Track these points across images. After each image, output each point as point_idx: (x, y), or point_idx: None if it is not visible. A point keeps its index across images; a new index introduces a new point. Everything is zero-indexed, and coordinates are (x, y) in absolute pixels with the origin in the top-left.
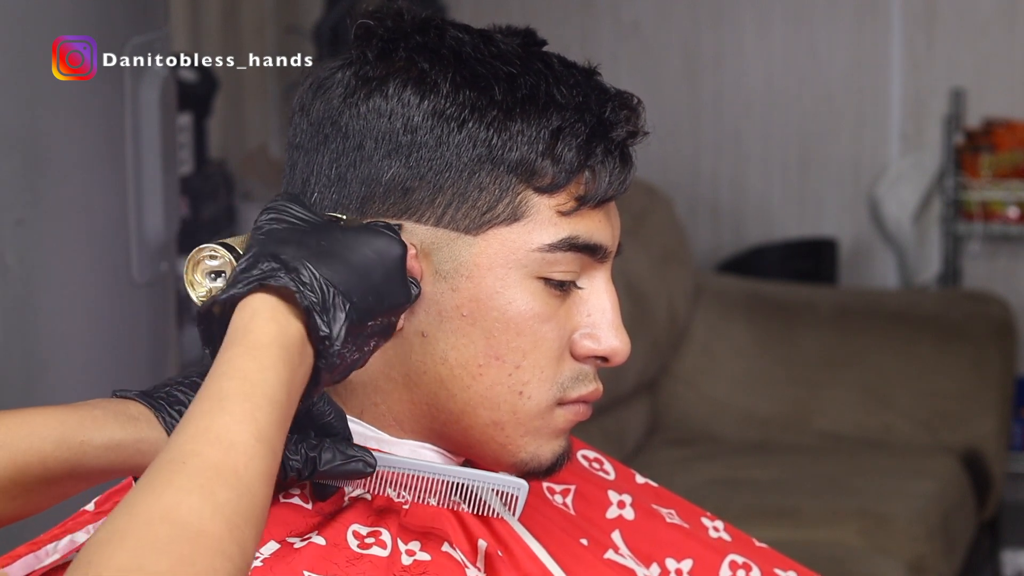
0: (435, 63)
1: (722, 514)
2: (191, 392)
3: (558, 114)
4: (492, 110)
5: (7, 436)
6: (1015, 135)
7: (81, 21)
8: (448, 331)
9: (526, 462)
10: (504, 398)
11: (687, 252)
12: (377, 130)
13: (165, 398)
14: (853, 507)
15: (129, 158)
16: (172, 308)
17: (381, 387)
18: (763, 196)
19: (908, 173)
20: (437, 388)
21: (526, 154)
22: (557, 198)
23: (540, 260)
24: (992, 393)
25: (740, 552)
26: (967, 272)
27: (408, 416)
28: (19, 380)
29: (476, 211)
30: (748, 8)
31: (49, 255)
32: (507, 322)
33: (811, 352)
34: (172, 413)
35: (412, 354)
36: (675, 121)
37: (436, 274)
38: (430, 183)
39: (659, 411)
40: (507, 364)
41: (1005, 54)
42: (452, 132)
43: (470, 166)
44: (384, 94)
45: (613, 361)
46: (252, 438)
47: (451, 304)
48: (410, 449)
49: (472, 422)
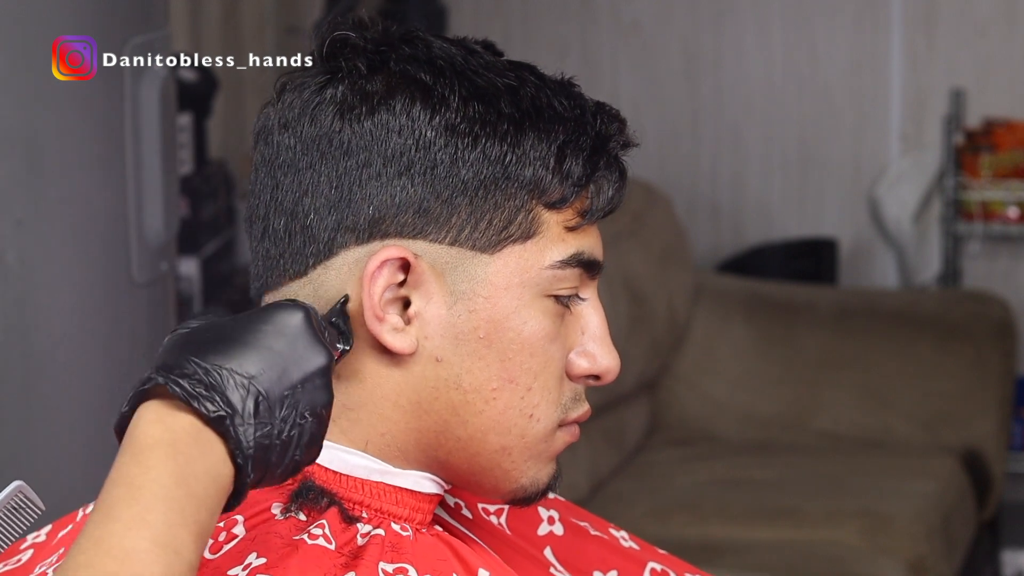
0: (436, 75)
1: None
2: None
3: (563, 127)
4: (502, 124)
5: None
6: (1015, 135)
7: (81, 21)
8: (464, 354)
9: (526, 488)
10: (515, 422)
11: (687, 252)
12: (386, 147)
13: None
14: (853, 507)
15: (129, 158)
16: (172, 308)
17: (388, 416)
18: (763, 196)
19: (908, 173)
20: (448, 415)
21: (538, 169)
22: (564, 214)
23: (551, 277)
24: (992, 393)
25: (656, 560)
26: (967, 272)
27: (414, 446)
28: (19, 380)
29: (492, 229)
30: (748, 8)
31: (49, 255)
32: (522, 343)
33: (811, 352)
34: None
35: (424, 380)
36: (675, 120)
37: (451, 295)
38: (446, 201)
39: (659, 411)
40: (519, 387)
41: (1005, 54)
42: (467, 148)
43: (486, 183)
44: (391, 109)
45: (605, 380)
46: (148, 543)
47: (468, 326)
48: (414, 480)
49: (480, 449)
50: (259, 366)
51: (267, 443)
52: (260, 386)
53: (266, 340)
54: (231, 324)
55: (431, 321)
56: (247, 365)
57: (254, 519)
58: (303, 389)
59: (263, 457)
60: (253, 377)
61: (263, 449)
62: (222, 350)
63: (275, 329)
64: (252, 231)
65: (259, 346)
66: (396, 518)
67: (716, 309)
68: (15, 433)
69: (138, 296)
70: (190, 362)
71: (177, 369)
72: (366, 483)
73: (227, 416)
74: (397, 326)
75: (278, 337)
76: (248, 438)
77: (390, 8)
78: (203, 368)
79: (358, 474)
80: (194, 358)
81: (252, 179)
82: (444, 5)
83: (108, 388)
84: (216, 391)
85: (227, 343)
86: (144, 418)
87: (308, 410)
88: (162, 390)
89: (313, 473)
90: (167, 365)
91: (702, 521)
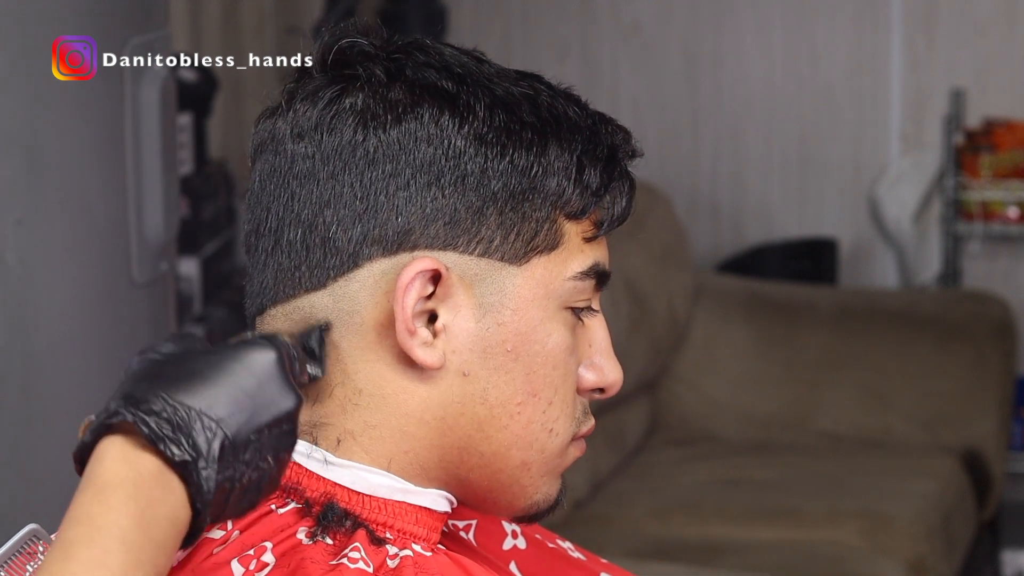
0: (458, 83)
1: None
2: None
3: (580, 137)
4: (526, 133)
5: None
6: (1015, 135)
7: (81, 21)
8: (491, 368)
9: (539, 504)
10: (536, 436)
11: (687, 252)
12: (415, 156)
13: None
14: (853, 507)
15: (129, 158)
16: (172, 308)
17: (413, 433)
18: (763, 196)
19: (908, 173)
20: (473, 430)
21: (561, 180)
22: (583, 224)
23: (571, 289)
24: (992, 393)
25: (603, 569)
26: (967, 272)
27: (436, 463)
28: (19, 380)
29: (520, 240)
30: (748, 8)
31: (49, 255)
32: (546, 356)
33: (811, 352)
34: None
35: (451, 395)
36: (675, 120)
37: (479, 308)
38: (477, 212)
39: (659, 411)
40: (542, 401)
41: (1005, 54)
42: (495, 158)
43: (515, 194)
44: (419, 118)
45: (609, 393)
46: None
47: (496, 339)
48: (432, 499)
49: (503, 465)
50: (228, 408)
51: (228, 487)
52: (227, 430)
53: (237, 380)
54: (203, 359)
55: (459, 335)
56: (216, 407)
57: (282, 545)
58: (269, 433)
59: (222, 501)
60: (221, 420)
61: (223, 493)
62: (192, 388)
63: (247, 369)
64: (259, 244)
65: (229, 386)
66: (416, 538)
67: (716, 309)
68: (15, 433)
69: (138, 296)
70: (159, 398)
71: (144, 404)
72: (388, 503)
73: (191, 461)
74: (426, 340)
75: (249, 378)
76: (210, 484)
77: (390, 8)
78: (171, 407)
79: (380, 494)
80: (163, 394)
81: (254, 190)
82: (444, 5)
83: (108, 388)
84: (183, 432)
85: (197, 381)
86: (109, 454)
87: (272, 454)
88: (128, 426)
89: (336, 495)
90: (134, 398)
91: (702, 521)
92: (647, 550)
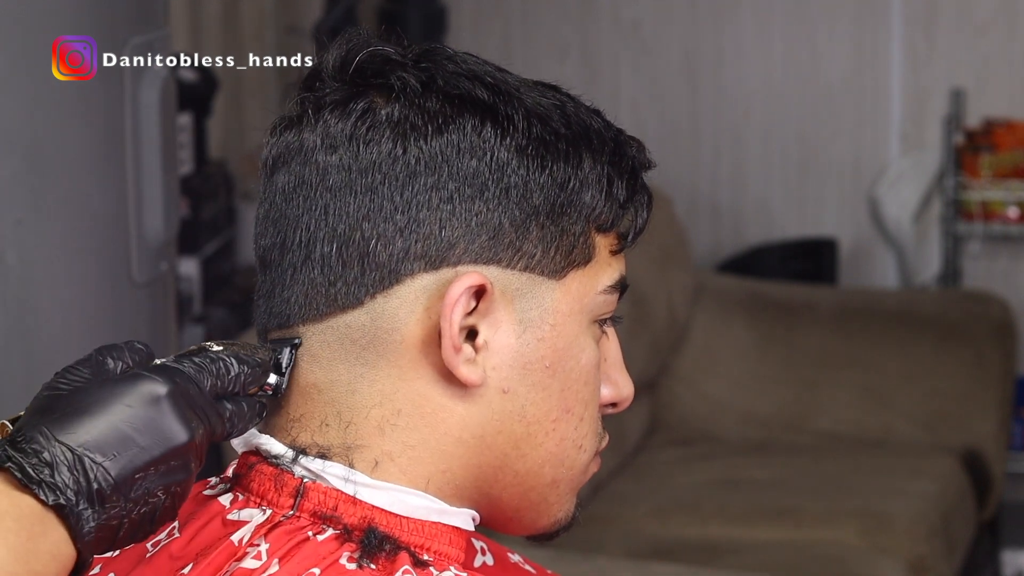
0: (493, 94)
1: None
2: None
3: (607, 148)
4: (561, 145)
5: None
6: (1015, 135)
7: (81, 21)
8: (529, 384)
9: (560, 521)
10: (567, 453)
11: (687, 252)
12: (458, 168)
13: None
14: (853, 507)
15: (129, 158)
16: (172, 308)
17: (451, 452)
18: (763, 196)
19: (908, 173)
20: (509, 448)
21: (595, 193)
22: (609, 237)
23: (601, 303)
24: (992, 393)
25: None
26: (967, 272)
27: (471, 482)
28: (19, 380)
29: (560, 254)
30: (748, 8)
31: (49, 255)
32: (580, 371)
33: (811, 352)
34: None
35: (490, 413)
36: (675, 121)
37: (519, 323)
38: (520, 225)
39: (659, 411)
40: (574, 417)
41: (1005, 54)
42: (536, 170)
43: (555, 208)
44: (462, 129)
45: (621, 407)
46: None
47: (535, 355)
48: (463, 519)
49: (535, 483)
50: (113, 447)
51: (115, 524)
52: (111, 471)
53: (124, 417)
54: (95, 394)
55: (499, 351)
56: (101, 447)
57: (329, 571)
58: (156, 471)
59: (109, 536)
60: (103, 461)
61: (109, 530)
62: (77, 426)
63: (136, 405)
64: (285, 258)
65: (116, 424)
66: (450, 559)
67: (716, 309)
68: None
69: (138, 296)
70: (41, 435)
71: (26, 443)
72: (426, 524)
73: (67, 505)
74: (469, 357)
75: (136, 416)
76: (89, 525)
77: (390, 8)
78: (53, 447)
79: (418, 515)
80: (47, 430)
81: (276, 203)
82: (444, 5)
83: None
84: (60, 475)
85: (85, 418)
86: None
87: (161, 489)
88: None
89: (375, 518)
90: (22, 435)
91: (702, 521)
92: (647, 550)
